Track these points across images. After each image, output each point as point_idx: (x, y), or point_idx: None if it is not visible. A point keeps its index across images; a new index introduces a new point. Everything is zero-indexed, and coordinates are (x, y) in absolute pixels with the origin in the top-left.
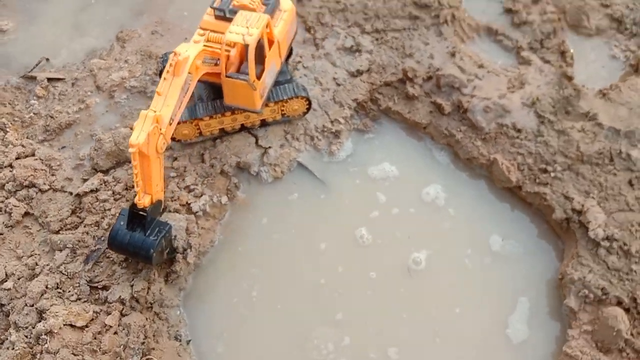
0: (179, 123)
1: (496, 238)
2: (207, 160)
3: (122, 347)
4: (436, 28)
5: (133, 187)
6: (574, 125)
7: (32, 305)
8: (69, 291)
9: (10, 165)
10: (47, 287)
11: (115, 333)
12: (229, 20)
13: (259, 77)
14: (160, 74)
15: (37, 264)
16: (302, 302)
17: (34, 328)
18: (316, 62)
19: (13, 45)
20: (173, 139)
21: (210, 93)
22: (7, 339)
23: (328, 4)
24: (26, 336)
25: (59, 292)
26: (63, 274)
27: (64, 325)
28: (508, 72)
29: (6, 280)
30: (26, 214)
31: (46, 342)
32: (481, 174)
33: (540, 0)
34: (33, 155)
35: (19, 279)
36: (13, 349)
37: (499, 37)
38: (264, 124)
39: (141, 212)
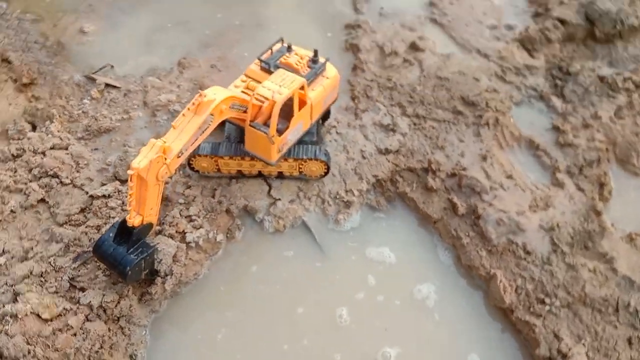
0: (200, 155)
1: (474, 357)
2: (217, 196)
3: (74, 349)
4: (476, 128)
5: None
6: (586, 263)
7: (12, 286)
8: (50, 282)
9: (43, 153)
10: (31, 273)
11: (75, 335)
12: (272, 74)
13: (280, 133)
14: None
15: (32, 249)
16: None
17: (3, 307)
18: (349, 131)
19: (89, 46)
20: (192, 168)
21: (238, 135)
22: None
23: (379, 80)
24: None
25: (41, 281)
26: (51, 265)
27: (30, 313)
28: (536, 189)
29: (1, 256)
30: (42, 200)
31: (8, 324)
32: (479, 285)
33: (591, 126)
34: (66, 149)
35: (12, 257)
36: None
37: (539, 152)
38: (280, 175)
39: (129, 230)
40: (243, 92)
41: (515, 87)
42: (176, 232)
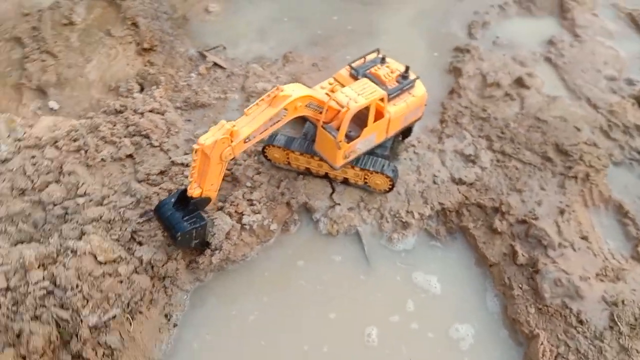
0: (274, 146)
1: None
2: (281, 188)
3: (115, 294)
4: (562, 179)
5: None
6: None
7: (82, 225)
8: (115, 230)
9: (142, 114)
10: (100, 218)
11: (121, 282)
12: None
13: (350, 140)
14: None
15: (108, 197)
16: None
17: (67, 241)
18: (427, 153)
19: (210, 25)
20: (265, 157)
21: (313, 134)
22: (48, 237)
23: (473, 108)
24: (60, 244)
25: (107, 227)
26: (120, 215)
27: (89, 253)
28: (611, 258)
29: (82, 196)
30: (130, 155)
31: (67, 258)
32: (519, 342)
33: None
34: (162, 114)
35: (90, 200)
36: (45, 245)
37: (626, 220)
38: (346, 181)
39: (188, 199)
40: (326, 94)
41: (619, 146)
42: (235, 212)
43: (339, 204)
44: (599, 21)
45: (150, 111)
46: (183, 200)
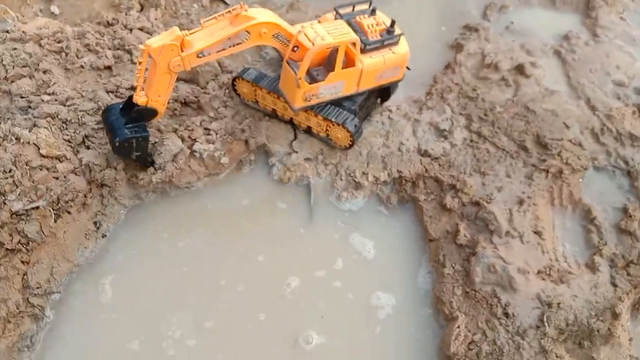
0: (243, 79)
1: None
2: (244, 125)
3: (46, 188)
4: (532, 170)
5: None
6: (564, 358)
7: (36, 118)
8: (69, 130)
9: (130, 30)
10: (57, 115)
11: (56, 178)
12: None
13: (312, 79)
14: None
15: (73, 99)
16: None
17: (16, 127)
18: (402, 120)
19: None
20: (235, 90)
21: None
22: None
23: (464, 86)
24: (9, 130)
25: (62, 125)
26: (78, 118)
27: (33, 144)
28: (562, 261)
29: (49, 95)
30: (108, 67)
31: (11, 143)
32: (439, 323)
33: None
34: (151, 34)
35: (55, 100)
36: None
37: (591, 226)
38: (309, 131)
39: (135, 105)
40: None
41: (606, 151)
42: (188, 137)
43: (296, 152)
44: (623, 25)
45: (140, 29)
46: (129, 106)
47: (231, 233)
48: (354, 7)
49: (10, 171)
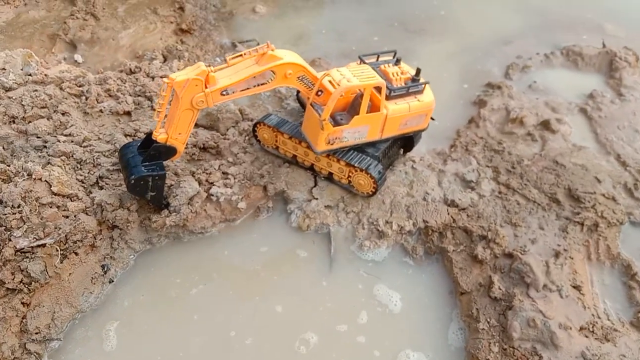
0: (265, 124)
1: None
2: (263, 170)
3: (55, 225)
4: (566, 223)
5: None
6: None
7: (51, 156)
8: (82, 171)
9: (152, 77)
10: (72, 155)
11: (66, 217)
12: None
13: (336, 123)
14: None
15: (90, 140)
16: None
17: (29, 163)
18: (425, 171)
19: (252, 23)
20: (255, 136)
21: None
22: (14, 160)
23: (489, 140)
24: (22, 167)
25: (76, 165)
26: (94, 158)
27: (44, 180)
28: (605, 318)
29: (66, 136)
30: (127, 112)
31: (22, 178)
32: None
33: None
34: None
35: (71, 141)
36: (7, 165)
37: (632, 282)
38: (330, 178)
39: (153, 142)
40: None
41: None
42: (206, 180)
43: (317, 199)
44: None
45: (162, 77)
46: (148, 143)
47: (248, 280)
48: (378, 56)
49: (19, 206)
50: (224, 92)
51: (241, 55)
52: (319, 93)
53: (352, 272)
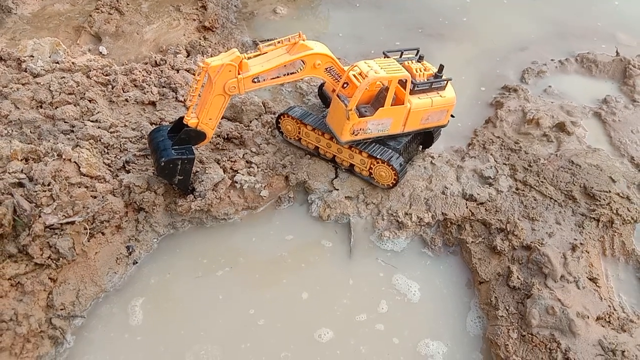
0: (288, 116)
1: None
2: (285, 161)
3: (83, 205)
4: (582, 219)
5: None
6: None
7: (80, 139)
8: (110, 154)
9: (177, 70)
10: (100, 139)
11: (94, 197)
12: None
13: (360, 115)
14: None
15: (116, 126)
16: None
17: (59, 145)
18: (444, 167)
19: (272, 24)
20: (278, 128)
21: None
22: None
23: (506, 139)
24: (51, 148)
25: (104, 150)
26: (121, 144)
27: (74, 161)
28: (620, 310)
29: (93, 122)
30: (152, 102)
31: (52, 158)
32: None
33: None
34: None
35: (98, 127)
36: (36, 145)
37: None
38: (351, 170)
39: (184, 127)
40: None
41: None
42: (230, 168)
43: (337, 189)
44: None
45: (186, 70)
46: (178, 127)
47: (274, 266)
48: (402, 53)
49: (49, 184)
50: (255, 80)
51: (274, 44)
52: (345, 85)
53: (372, 262)
